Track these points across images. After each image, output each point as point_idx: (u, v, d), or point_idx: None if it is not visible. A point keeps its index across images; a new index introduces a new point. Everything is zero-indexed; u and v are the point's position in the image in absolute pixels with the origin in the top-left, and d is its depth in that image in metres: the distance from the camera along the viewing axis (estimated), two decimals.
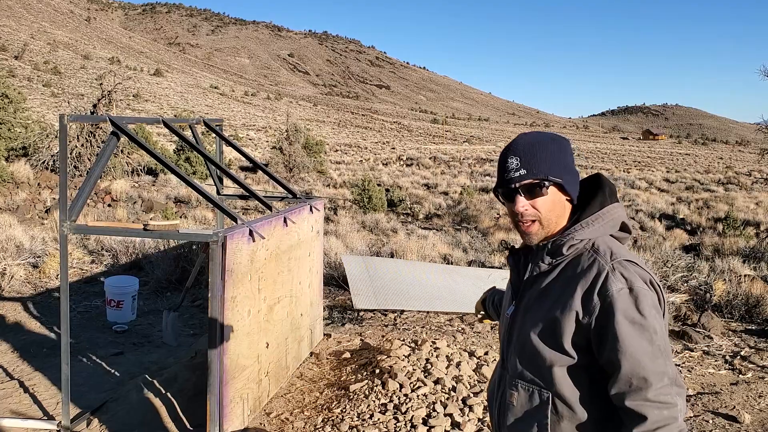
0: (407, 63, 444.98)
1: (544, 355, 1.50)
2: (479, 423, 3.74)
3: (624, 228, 1.56)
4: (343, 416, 3.90)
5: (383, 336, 5.47)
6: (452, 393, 4.05)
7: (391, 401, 3.97)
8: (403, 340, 5.06)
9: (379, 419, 3.77)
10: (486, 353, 4.77)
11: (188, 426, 3.83)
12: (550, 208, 1.51)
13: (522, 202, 1.50)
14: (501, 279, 6.13)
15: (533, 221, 1.52)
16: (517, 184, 1.49)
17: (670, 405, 1.39)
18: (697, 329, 5.80)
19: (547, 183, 1.49)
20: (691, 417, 4.07)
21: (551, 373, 1.50)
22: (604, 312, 1.41)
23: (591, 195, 1.55)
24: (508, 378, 1.61)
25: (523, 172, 1.48)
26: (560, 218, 1.54)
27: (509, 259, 1.68)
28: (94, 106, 18.27)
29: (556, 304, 1.48)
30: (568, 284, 1.48)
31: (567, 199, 1.54)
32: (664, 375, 1.40)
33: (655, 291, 1.45)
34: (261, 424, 3.87)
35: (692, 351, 5.36)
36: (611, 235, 1.55)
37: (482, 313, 2.25)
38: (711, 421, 4.00)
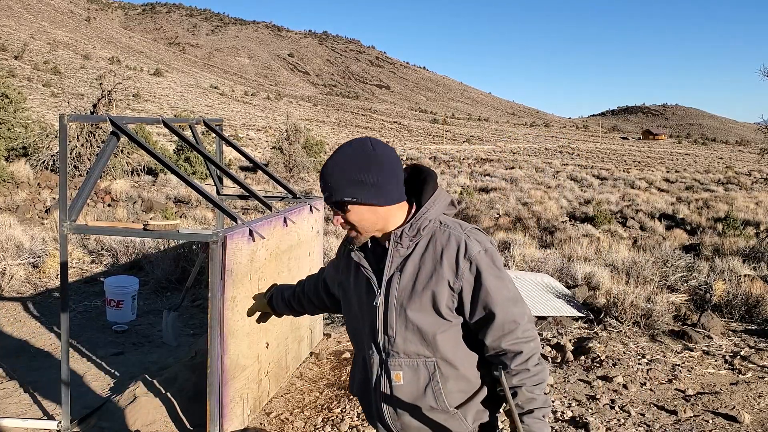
0: (407, 63, 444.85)
1: (426, 327, 1.67)
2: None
3: (452, 204, 1.77)
4: (343, 416, 3.90)
5: None
6: None
7: None
8: None
9: None
10: None
11: (188, 426, 3.83)
12: (360, 220, 1.67)
13: (337, 218, 1.69)
14: None
15: (350, 230, 1.70)
16: (327, 204, 1.69)
17: (534, 338, 1.69)
18: (696, 329, 5.80)
19: (345, 204, 1.65)
20: (691, 417, 4.07)
21: (435, 341, 1.68)
22: (472, 272, 1.64)
23: (421, 182, 1.73)
24: (387, 361, 1.72)
25: (327, 194, 1.67)
26: (381, 221, 1.69)
27: (354, 255, 1.78)
28: (94, 106, 18.27)
29: (430, 279, 1.66)
30: (434, 259, 1.66)
31: (386, 206, 1.67)
32: (524, 314, 1.68)
33: (495, 248, 1.74)
34: (261, 424, 3.87)
35: (692, 351, 5.36)
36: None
37: (260, 314, 2.36)
38: (711, 421, 4.00)
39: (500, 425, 1.76)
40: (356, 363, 1.88)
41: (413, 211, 1.72)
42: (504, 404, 1.74)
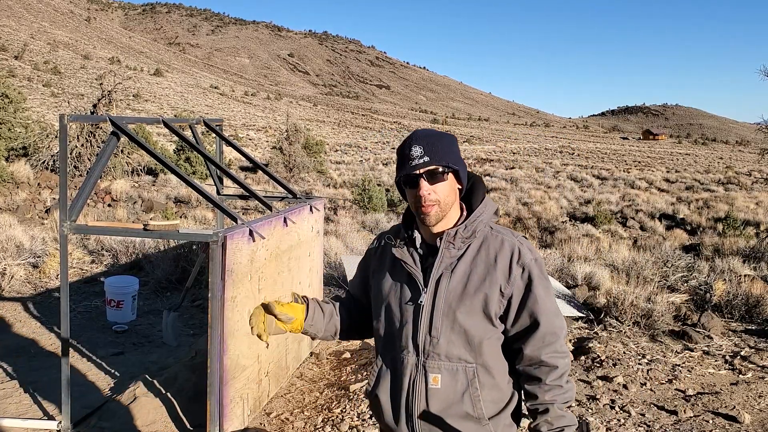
0: (407, 63, 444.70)
1: (473, 331, 1.66)
2: None
3: (496, 212, 1.80)
4: (343, 416, 3.91)
5: None
6: None
7: None
8: None
9: None
10: None
11: (188, 426, 3.83)
12: (448, 193, 1.68)
13: (426, 186, 1.65)
14: None
15: (433, 204, 1.66)
16: (421, 170, 1.65)
17: (568, 354, 1.69)
18: (697, 329, 5.80)
19: (447, 169, 1.66)
20: (691, 417, 4.07)
21: (481, 346, 1.67)
22: (523, 279, 1.66)
23: (471, 186, 1.77)
24: (426, 363, 1.68)
25: (426, 159, 1.64)
26: (454, 204, 1.71)
27: (396, 252, 1.75)
28: (94, 106, 18.27)
29: (483, 282, 1.65)
30: (486, 262, 1.67)
31: (458, 188, 1.72)
32: (563, 328, 1.69)
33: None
34: (261, 424, 3.87)
35: (692, 351, 5.36)
36: None
37: (289, 331, 1.83)
38: (711, 421, 4.00)
39: None
40: (382, 364, 1.79)
41: (464, 214, 1.74)
42: (528, 420, 1.72)
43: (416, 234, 1.75)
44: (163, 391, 4.05)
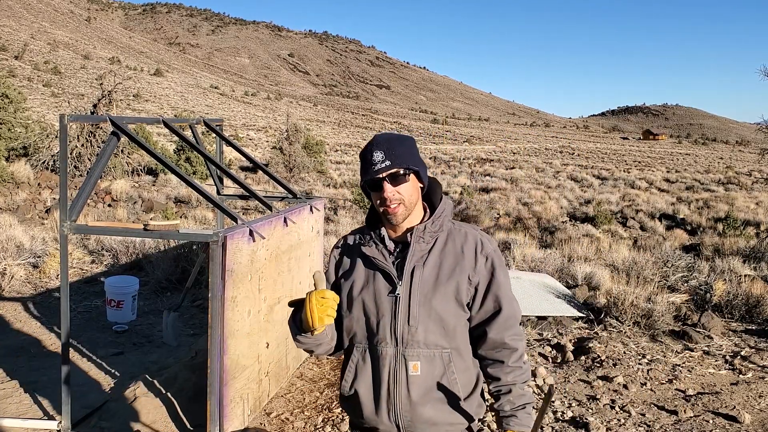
0: (407, 63, 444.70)
1: (449, 317, 1.76)
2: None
3: (452, 210, 1.92)
4: (343, 416, 3.91)
5: None
6: None
7: None
8: None
9: None
10: None
11: (188, 426, 3.83)
12: (411, 192, 1.78)
13: (389, 189, 1.74)
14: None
15: (398, 204, 1.76)
16: (384, 174, 1.74)
17: (524, 337, 1.83)
18: (697, 329, 5.80)
19: (408, 171, 1.76)
20: (691, 417, 4.07)
21: (455, 332, 1.78)
22: (489, 267, 1.79)
23: (429, 187, 1.87)
24: (403, 353, 1.75)
25: (388, 163, 1.74)
26: (418, 202, 1.82)
27: (366, 250, 1.82)
28: (95, 106, 18.27)
29: (453, 270, 1.77)
30: (455, 253, 1.79)
31: (420, 187, 1.82)
32: (520, 313, 1.83)
33: None
34: (261, 424, 3.87)
35: (692, 351, 5.36)
36: None
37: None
38: (711, 421, 4.00)
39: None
40: (359, 360, 1.83)
41: (427, 212, 1.86)
42: (492, 401, 1.83)
43: (384, 232, 1.83)
44: (163, 391, 4.05)
